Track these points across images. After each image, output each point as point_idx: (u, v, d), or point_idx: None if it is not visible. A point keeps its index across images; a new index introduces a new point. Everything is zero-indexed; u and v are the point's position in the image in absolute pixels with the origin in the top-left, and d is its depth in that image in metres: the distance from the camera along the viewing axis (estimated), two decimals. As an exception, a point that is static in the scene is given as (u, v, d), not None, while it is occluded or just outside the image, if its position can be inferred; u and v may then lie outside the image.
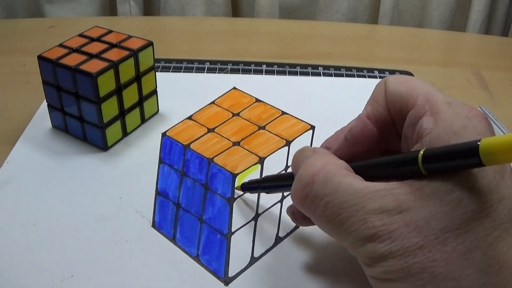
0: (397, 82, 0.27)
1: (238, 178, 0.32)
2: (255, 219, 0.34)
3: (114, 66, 0.41)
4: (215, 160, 0.32)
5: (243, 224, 0.34)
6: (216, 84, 0.51)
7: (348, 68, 0.58)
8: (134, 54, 0.42)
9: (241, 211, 0.37)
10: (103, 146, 0.43)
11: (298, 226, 0.36)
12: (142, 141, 0.45)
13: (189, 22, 0.76)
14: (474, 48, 0.70)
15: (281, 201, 0.36)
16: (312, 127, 0.34)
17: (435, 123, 0.24)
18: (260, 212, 0.34)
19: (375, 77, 0.57)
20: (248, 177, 0.34)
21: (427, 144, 0.24)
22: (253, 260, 0.34)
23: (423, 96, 0.26)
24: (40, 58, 0.42)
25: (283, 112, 0.36)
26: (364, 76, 0.57)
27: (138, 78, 0.44)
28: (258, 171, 0.33)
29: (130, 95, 0.44)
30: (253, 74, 0.56)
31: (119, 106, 0.43)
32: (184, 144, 0.33)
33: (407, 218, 0.22)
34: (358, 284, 0.32)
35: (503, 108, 0.52)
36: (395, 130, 0.28)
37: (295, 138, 0.34)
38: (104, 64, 0.40)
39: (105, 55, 0.42)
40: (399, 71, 0.58)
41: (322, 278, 0.33)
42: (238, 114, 0.36)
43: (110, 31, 0.45)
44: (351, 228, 0.24)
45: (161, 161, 0.35)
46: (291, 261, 0.34)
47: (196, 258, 0.34)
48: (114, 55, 0.42)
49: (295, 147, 0.33)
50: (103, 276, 0.32)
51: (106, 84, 0.40)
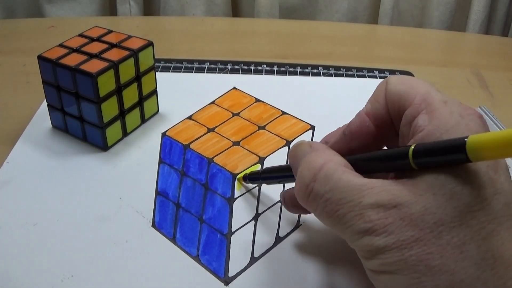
0: (397, 82, 0.28)
1: (238, 178, 0.32)
2: (255, 219, 0.34)
3: (114, 66, 0.41)
4: (215, 160, 0.32)
5: (243, 224, 0.34)
6: (216, 84, 0.51)
7: (348, 68, 0.58)
8: (134, 54, 0.42)
9: (241, 211, 0.37)
10: (103, 146, 0.43)
11: (298, 226, 0.36)
12: (142, 141, 0.45)
13: (189, 22, 0.76)
14: (474, 48, 0.70)
15: (281, 201, 0.36)
16: (312, 127, 0.34)
17: (429, 121, 0.25)
18: (260, 212, 0.34)
19: (375, 77, 0.57)
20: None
21: (419, 140, 0.25)
22: (253, 260, 0.34)
23: (421, 95, 0.26)
24: (40, 58, 0.42)
25: (283, 112, 0.36)
26: (364, 76, 0.57)
27: (138, 78, 0.44)
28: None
29: (130, 95, 0.44)
30: (253, 74, 0.56)
31: (119, 106, 0.43)
32: (184, 144, 0.33)
33: (402, 212, 0.23)
34: (357, 284, 0.32)
35: (503, 108, 0.52)
36: (393, 129, 0.28)
37: (295, 138, 0.34)
38: (104, 64, 0.40)
39: (105, 55, 0.42)
40: (399, 71, 0.58)
41: (322, 278, 0.33)
42: (238, 114, 0.36)
43: (110, 31, 0.45)
44: (349, 223, 0.24)
45: (161, 161, 0.35)
46: (291, 261, 0.34)
47: (196, 258, 0.34)
48: (114, 55, 0.42)
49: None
50: (103, 276, 0.32)
51: (106, 84, 0.40)
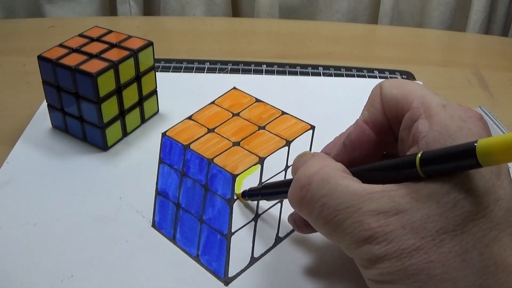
0: (392, 86, 0.27)
1: (238, 178, 0.32)
2: (255, 219, 0.34)
3: (114, 66, 0.41)
4: (215, 160, 0.32)
5: (243, 224, 0.34)
6: (216, 84, 0.51)
7: (348, 68, 0.58)
8: (134, 54, 0.42)
9: (241, 212, 0.37)
10: (103, 146, 0.43)
11: (298, 226, 0.36)
12: (142, 141, 0.45)
13: (189, 22, 0.76)
14: (474, 48, 0.70)
15: (281, 201, 0.36)
16: (312, 127, 0.34)
17: (430, 126, 0.24)
18: (260, 212, 0.34)
19: (375, 77, 0.57)
20: (248, 177, 0.34)
21: (423, 147, 0.24)
22: (253, 260, 0.34)
23: (418, 99, 0.26)
24: (40, 58, 0.42)
25: (283, 112, 0.36)
26: (364, 76, 0.57)
27: (138, 78, 0.44)
28: (258, 171, 0.33)
29: (130, 95, 0.44)
30: (253, 74, 0.56)
31: (119, 106, 0.43)
32: (184, 144, 0.33)
33: (404, 220, 0.22)
34: (357, 285, 0.32)
35: (503, 108, 0.52)
36: (392, 134, 0.28)
37: (295, 138, 0.34)
38: (104, 64, 0.40)
39: (105, 55, 0.42)
40: (399, 71, 0.58)
41: (322, 278, 0.33)
42: (238, 114, 0.36)
43: (110, 31, 0.45)
44: (347, 230, 0.24)
45: (161, 161, 0.35)
46: (291, 261, 0.34)
47: (196, 258, 0.34)
48: (114, 55, 0.42)
49: (295, 147, 0.33)
50: (103, 276, 0.32)
51: (106, 84, 0.40)
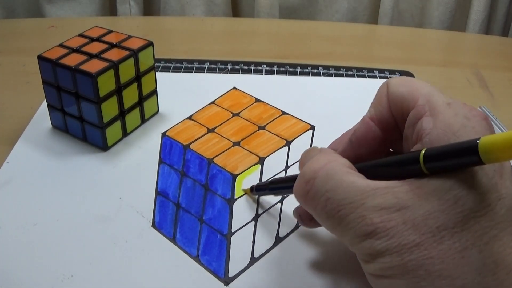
0: (399, 84, 0.27)
1: (238, 179, 0.32)
2: (255, 219, 0.34)
3: (114, 66, 0.41)
4: (215, 160, 0.32)
5: (243, 224, 0.34)
6: (216, 84, 0.51)
7: (348, 68, 0.58)
8: (134, 54, 0.42)
9: (241, 212, 0.37)
10: (103, 146, 0.43)
11: (298, 226, 0.36)
12: (142, 141, 0.45)
13: (189, 22, 0.76)
14: (474, 48, 0.70)
15: (281, 201, 0.36)
16: (312, 127, 0.34)
17: (434, 124, 0.24)
18: (260, 212, 0.34)
19: (375, 77, 0.57)
20: (248, 177, 0.34)
21: (427, 144, 0.24)
22: (253, 260, 0.34)
23: (424, 97, 0.26)
24: (40, 58, 0.42)
25: (283, 112, 0.36)
26: (364, 76, 0.57)
27: (138, 78, 0.44)
28: (258, 171, 0.33)
29: (130, 95, 0.44)
30: (253, 74, 0.56)
31: (119, 106, 0.43)
32: (184, 144, 0.33)
33: (405, 216, 0.23)
34: (357, 284, 0.32)
35: (503, 108, 0.52)
36: (398, 131, 0.28)
37: (295, 138, 0.34)
38: (104, 64, 0.40)
39: (105, 55, 0.42)
40: (399, 71, 0.58)
41: (322, 278, 0.33)
42: (238, 114, 0.36)
43: (110, 31, 0.45)
44: (350, 225, 0.24)
45: (161, 161, 0.35)
46: (291, 261, 0.34)
47: (196, 258, 0.34)
48: (114, 55, 0.42)
49: (295, 147, 0.33)
50: (103, 276, 0.32)
51: (106, 84, 0.40)
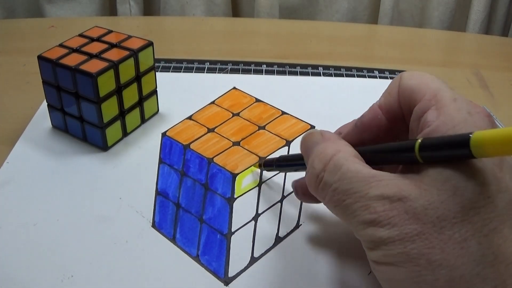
0: (410, 77, 0.28)
1: (238, 178, 0.32)
2: (255, 219, 0.34)
3: (114, 66, 0.41)
4: (215, 160, 0.32)
5: (243, 224, 0.34)
6: (216, 84, 0.51)
7: (348, 68, 0.58)
8: (134, 54, 0.42)
9: (241, 211, 0.37)
10: (103, 146, 0.43)
11: (298, 226, 0.36)
12: (142, 141, 0.45)
13: (189, 22, 0.76)
14: (474, 48, 0.70)
15: (281, 201, 0.36)
16: (312, 127, 0.34)
17: (437, 117, 0.25)
18: (260, 212, 0.35)
19: (375, 77, 0.57)
20: (248, 177, 0.34)
21: (426, 135, 0.25)
22: (253, 260, 0.34)
23: (431, 91, 0.26)
24: (40, 58, 0.42)
25: (283, 112, 0.36)
26: (364, 76, 0.57)
27: (138, 78, 0.44)
28: (258, 171, 0.33)
29: (130, 95, 0.44)
30: (253, 74, 0.56)
31: (119, 106, 0.43)
32: (184, 144, 0.33)
33: (407, 205, 0.23)
34: (357, 284, 0.32)
35: (503, 108, 0.52)
36: (405, 123, 0.29)
37: (295, 138, 0.34)
38: (104, 64, 0.40)
39: (105, 55, 0.42)
40: (399, 71, 0.58)
41: (322, 278, 0.33)
42: (238, 114, 0.36)
43: (110, 31, 0.45)
44: (355, 213, 0.25)
45: (161, 161, 0.35)
46: (291, 261, 0.34)
47: (196, 258, 0.34)
48: (114, 55, 0.42)
49: (295, 147, 0.33)
50: (103, 276, 0.32)
51: (106, 84, 0.40)
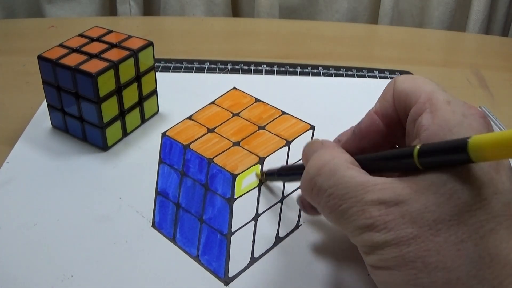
0: (404, 81, 0.28)
1: (238, 178, 0.32)
2: (255, 219, 0.34)
3: (114, 66, 0.41)
4: (215, 160, 0.32)
5: (243, 224, 0.34)
6: (216, 84, 0.51)
7: (348, 68, 0.58)
8: (134, 54, 0.42)
9: (241, 211, 0.37)
10: (103, 146, 0.43)
11: (298, 226, 0.36)
12: (142, 141, 0.45)
13: (189, 22, 0.76)
14: (474, 48, 0.70)
15: (281, 201, 0.36)
16: (312, 127, 0.34)
17: (432, 120, 0.25)
18: (260, 212, 0.35)
19: (375, 77, 0.57)
20: (248, 177, 0.34)
21: (424, 139, 0.25)
22: (253, 260, 0.34)
23: (425, 94, 0.27)
24: (40, 58, 0.42)
25: (283, 112, 0.36)
26: (364, 76, 0.57)
27: (138, 78, 0.44)
28: (258, 172, 0.33)
29: (130, 95, 0.44)
30: (253, 74, 0.56)
31: (119, 106, 0.43)
32: (184, 144, 0.33)
33: (403, 210, 0.23)
34: (357, 284, 0.32)
35: (503, 108, 0.52)
36: (401, 127, 0.29)
37: (295, 138, 0.34)
38: (104, 64, 0.40)
39: (105, 55, 0.42)
40: (399, 71, 0.58)
41: (322, 278, 0.33)
42: (238, 114, 0.36)
43: (110, 31, 0.45)
44: (351, 218, 0.25)
45: (161, 161, 0.35)
46: (291, 261, 0.34)
47: (196, 258, 0.34)
48: (114, 55, 0.42)
49: (295, 147, 0.33)
50: (103, 276, 0.32)
51: (106, 84, 0.40)
